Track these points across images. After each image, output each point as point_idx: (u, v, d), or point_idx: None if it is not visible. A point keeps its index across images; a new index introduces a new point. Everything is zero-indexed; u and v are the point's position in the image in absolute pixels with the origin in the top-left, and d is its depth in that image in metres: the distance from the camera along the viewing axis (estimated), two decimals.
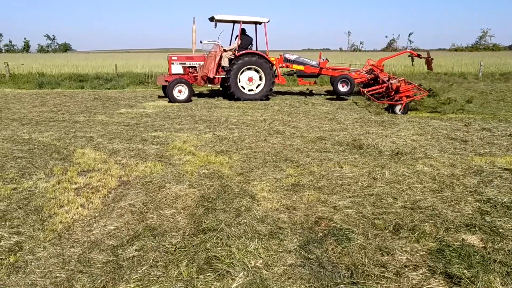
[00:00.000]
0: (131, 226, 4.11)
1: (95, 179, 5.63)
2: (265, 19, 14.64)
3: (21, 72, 23.00)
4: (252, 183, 5.45)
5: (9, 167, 6.08)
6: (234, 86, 14.21)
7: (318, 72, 15.64)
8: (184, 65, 14.57)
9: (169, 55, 14.77)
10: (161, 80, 14.66)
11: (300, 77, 15.95)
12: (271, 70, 14.52)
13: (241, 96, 14.34)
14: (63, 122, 9.96)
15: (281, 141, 7.91)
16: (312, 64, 15.50)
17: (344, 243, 3.64)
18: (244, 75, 14.43)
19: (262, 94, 14.54)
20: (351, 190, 5.13)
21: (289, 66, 15.63)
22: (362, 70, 16.06)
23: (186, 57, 14.77)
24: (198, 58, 14.76)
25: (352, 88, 14.89)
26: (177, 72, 14.49)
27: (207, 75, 14.10)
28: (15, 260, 3.43)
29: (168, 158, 6.71)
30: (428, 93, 12.31)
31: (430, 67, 15.70)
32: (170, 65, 14.53)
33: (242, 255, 3.41)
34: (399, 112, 11.32)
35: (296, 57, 15.74)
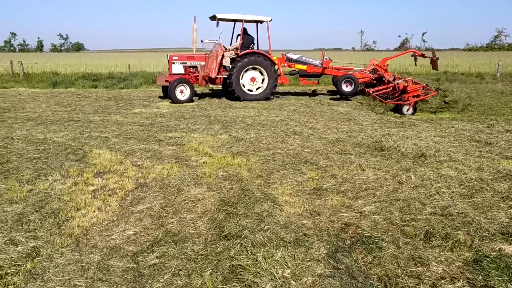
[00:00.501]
0: (150, 231, 3.97)
1: (111, 181, 5.51)
2: (268, 18, 14.40)
3: (35, 71, 23.06)
4: (273, 186, 5.29)
5: (25, 167, 5.99)
6: (236, 86, 13.91)
7: (321, 72, 15.34)
8: (185, 65, 14.27)
9: (169, 55, 14.45)
10: (161, 80, 14.34)
11: (302, 77, 15.67)
12: (274, 70, 14.27)
13: (243, 96, 14.05)
14: (77, 122, 9.88)
15: (299, 143, 7.74)
16: (315, 64, 15.20)
17: (375, 252, 3.46)
18: (246, 75, 14.16)
19: (264, 94, 14.29)
20: (376, 194, 4.95)
21: (292, 66, 15.34)
22: (365, 70, 15.78)
23: (187, 56, 14.46)
24: (199, 58, 14.49)
25: (356, 88, 14.58)
26: (178, 72, 14.20)
27: (209, 75, 13.84)
28: (33, 267, 3.31)
29: (185, 159, 6.57)
30: (437, 93, 12.03)
31: (436, 66, 15.34)
32: (171, 64, 14.22)
33: (269, 264, 3.25)
34: (407, 112, 11.07)
35: (298, 56, 15.43)
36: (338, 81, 14.64)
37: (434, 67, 15.31)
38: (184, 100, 13.50)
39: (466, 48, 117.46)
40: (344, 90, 14.56)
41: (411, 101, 11.13)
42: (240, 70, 13.90)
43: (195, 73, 14.33)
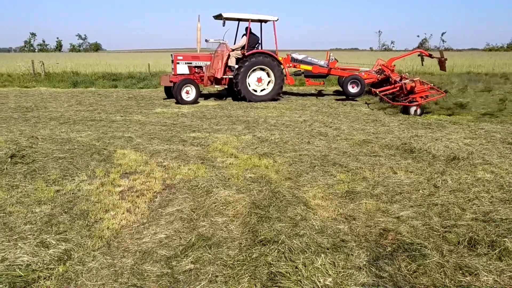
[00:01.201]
0: (182, 235, 3.85)
1: (138, 181, 5.43)
2: (274, 18, 14.15)
3: (55, 71, 23.24)
4: (303, 189, 5.15)
5: (51, 168, 5.94)
6: (243, 87, 13.64)
7: (326, 73, 15.07)
8: (190, 65, 13.94)
9: (174, 54, 14.10)
10: (165, 81, 13.93)
11: (307, 77, 15.39)
12: (280, 71, 14.02)
13: (250, 97, 13.78)
14: (100, 122, 9.85)
15: (325, 144, 7.58)
16: (320, 64, 14.93)
17: (419, 260, 3.29)
18: (253, 75, 13.89)
19: (271, 95, 14.06)
20: (412, 198, 4.77)
21: (297, 66, 15.04)
22: (372, 70, 15.51)
23: (192, 56, 14.14)
24: (205, 58, 14.19)
25: (362, 89, 14.25)
26: (183, 72, 13.87)
27: (214, 75, 13.58)
28: (65, 271, 3.21)
29: (211, 160, 6.46)
30: (445, 94, 11.75)
31: (443, 67, 15.08)
32: (176, 64, 13.85)
33: (310, 272, 3.10)
34: (414, 113, 10.82)
35: (303, 56, 15.17)
36: (344, 82, 14.33)
37: (442, 68, 15.09)
38: (190, 101, 13.20)
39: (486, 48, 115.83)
40: (350, 91, 14.24)
41: (418, 102, 10.94)
42: (247, 71, 13.63)
43: (200, 73, 14.03)
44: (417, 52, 16.55)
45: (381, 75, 14.87)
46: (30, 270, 3.17)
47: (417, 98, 11.08)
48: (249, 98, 13.73)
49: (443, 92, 11.61)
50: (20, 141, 7.35)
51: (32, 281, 3.05)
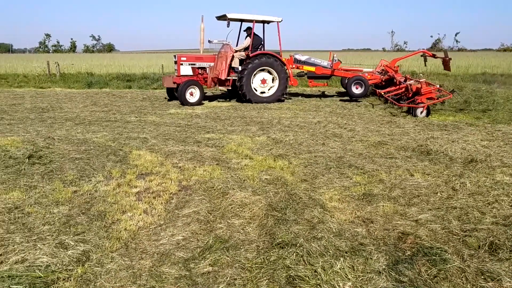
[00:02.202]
0: (200, 237, 3.85)
1: (154, 183, 5.44)
2: (278, 19, 14.01)
3: (70, 71, 23.46)
4: (319, 191, 5.12)
5: (68, 168, 5.98)
6: (248, 88, 13.45)
7: (330, 74, 14.96)
8: (194, 66, 13.74)
9: (177, 55, 13.84)
10: (168, 82, 13.72)
11: (311, 78, 15.31)
12: (284, 72, 13.90)
13: (255, 98, 13.60)
14: (115, 122, 9.91)
15: (340, 145, 7.54)
16: (323, 65, 14.81)
17: (440, 265, 3.25)
18: (257, 76, 13.72)
19: (276, 96, 13.90)
20: (430, 201, 4.72)
21: (300, 67, 14.89)
22: (375, 71, 15.38)
23: (195, 57, 13.93)
24: (208, 59, 13.96)
25: (366, 90, 14.10)
26: (186, 73, 13.63)
27: (218, 76, 13.38)
28: (84, 272, 3.23)
29: (226, 161, 6.46)
30: (452, 95, 11.63)
31: (448, 67, 14.97)
32: (179, 65, 13.58)
33: (329, 276, 3.07)
34: (421, 115, 10.72)
35: (306, 57, 15.02)
36: (348, 83, 14.21)
37: (446, 68, 15.00)
38: (194, 102, 13.06)
39: (501, 48, 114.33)
40: (354, 92, 14.08)
41: (425, 104, 10.88)
42: (252, 72, 13.47)
43: (204, 74, 13.87)
44: (420, 53, 16.41)
45: (384, 76, 14.79)
46: (50, 271, 3.19)
47: (423, 99, 11.01)
48: (253, 99, 13.57)
49: (450, 93, 11.51)
50: (37, 142, 7.41)
51: (52, 282, 3.07)
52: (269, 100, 13.76)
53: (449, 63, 14.56)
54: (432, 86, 11.32)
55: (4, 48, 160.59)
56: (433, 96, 11.22)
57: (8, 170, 5.76)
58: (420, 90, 11.10)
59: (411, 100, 11.35)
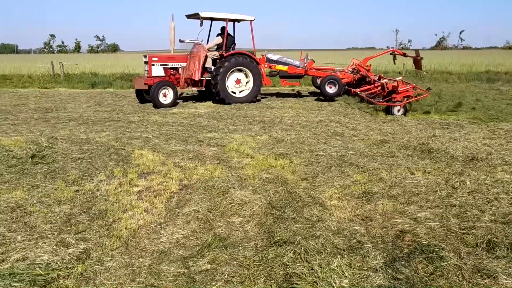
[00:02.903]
0: (199, 235, 3.89)
1: (155, 182, 5.48)
2: (251, 17, 13.79)
3: (74, 72, 23.55)
4: (319, 189, 5.15)
5: (70, 168, 6.04)
6: (222, 89, 13.08)
7: (303, 73, 14.83)
8: (166, 67, 13.19)
9: (148, 55, 13.16)
10: (139, 83, 12.96)
11: (283, 78, 15.13)
12: (259, 71, 13.63)
13: (230, 99, 13.29)
14: (118, 122, 9.97)
15: (341, 144, 7.56)
16: (296, 65, 14.66)
17: (436, 262, 3.27)
18: (231, 76, 13.40)
19: (250, 96, 13.62)
20: (429, 200, 4.73)
21: (272, 67, 14.64)
22: (347, 70, 15.36)
23: (167, 57, 13.40)
24: (180, 59, 13.45)
25: (340, 89, 13.99)
26: (158, 74, 13.03)
27: (191, 77, 12.95)
28: (84, 270, 3.27)
29: (227, 160, 6.49)
30: (429, 93, 11.67)
31: (419, 66, 15.06)
32: (150, 66, 12.93)
33: (326, 274, 3.10)
34: (398, 113, 10.80)
35: (279, 57, 14.83)
36: (322, 83, 14.10)
37: (417, 66, 15.12)
38: (167, 104, 12.60)
39: (506, 46, 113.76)
40: (328, 92, 13.96)
41: (402, 102, 10.97)
42: (227, 72, 13.11)
43: (176, 75, 13.34)
44: (390, 51, 16.48)
45: (357, 75, 14.83)
46: (50, 269, 3.23)
47: (399, 97, 11.11)
48: (228, 100, 13.23)
49: (426, 91, 11.55)
50: (40, 142, 7.47)
51: (52, 280, 3.11)
52: (244, 100, 13.48)
53: (421, 62, 14.77)
54: (408, 84, 11.43)
55: (9, 48, 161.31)
56: (410, 94, 11.31)
57: (11, 170, 5.82)
58: (396, 89, 11.21)
59: (388, 98, 11.46)
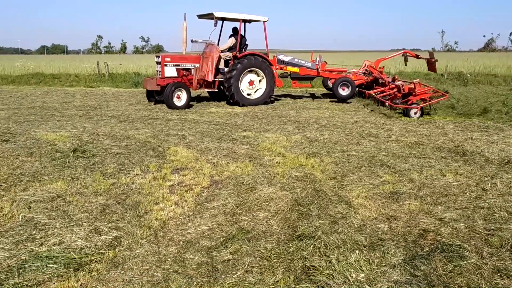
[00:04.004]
0: (224, 228, 4.04)
1: (188, 177, 5.68)
2: (265, 18, 13.57)
3: (118, 71, 24.33)
4: (347, 188, 5.19)
5: (109, 162, 6.32)
6: (236, 90, 12.83)
7: (315, 75, 14.59)
8: (178, 67, 12.92)
9: (161, 55, 12.95)
10: (152, 84, 12.72)
11: (294, 79, 14.88)
12: (272, 73, 13.41)
13: (243, 101, 13.03)
14: (157, 120, 10.29)
15: (375, 145, 7.54)
16: (307, 66, 14.44)
17: (456, 261, 3.28)
18: (245, 78, 13.15)
19: (263, 98, 13.39)
20: (457, 201, 4.69)
21: (283, 68, 14.37)
22: (359, 72, 15.10)
23: (180, 57, 13.12)
24: (193, 59, 13.18)
25: (353, 91, 13.71)
26: (171, 75, 12.77)
27: (204, 78, 12.72)
28: (114, 256, 3.48)
29: (258, 158, 6.62)
30: (447, 96, 11.35)
31: (432, 68, 14.71)
32: (163, 67, 12.65)
33: (343, 267, 3.18)
34: (415, 115, 10.65)
35: (290, 58, 14.61)
36: (334, 85, 13.83)
37: (431, 68, 14.82)
38: (181, 106, 12.35)
39: None
40: (341, 94, 13.71)
41: (420, 105, 10.85)
42: (240, 73, 12.86)
43: (188, 76, 13.12)
44: (403, 53, 16.11)
45: (369, 77, 14.59)
46: (83, 254, 3.46)
47: (415, 100, 11.00)
48: (242, 102, 13.01)
49: (445, 94, 11.26)
50: (82, 137, 7.85)
51: (85, 263, 3.33)
52: (257, 102, 13.29)
53: (435, 64, 14.46)
54: (426, 86, 11.21)
55: (60, 49, 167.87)
56: (427, 97, 11.14)
57: (54, 163, 6.16)
58: (413, 91, 11.04)
59: (405, 100, 11.31)
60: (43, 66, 27.27)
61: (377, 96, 12.26)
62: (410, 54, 15.78)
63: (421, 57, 15.30)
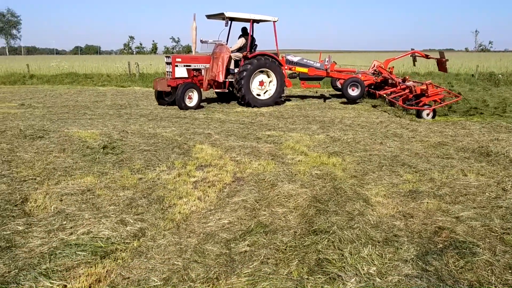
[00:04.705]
0: (243, 222, 4.19)
1: (211, 174, 5.86)
2: (275, 18, 13.46)
3: (149, 71, 24.85)
4: (366, 186, 5.27)
5: (136, 158, 6.57)
6: (247, 91, 12.71)
7: (325, 75, 14.45)
8: (189, 68, 12.76)
9: (172, 56, 12.82)
10: (163, 85, 12.59)
11: (303, 80, 14.70)
12: (282, 73, 13.30)
13: (254, 102, 12.91)
14: (184, 119, 10.55)
15: (398, 145, 7.56)
16: (316, 66, 14.26)
17: (468, 257, 3.34)
18: (256, 78, 13.05)
19: (274, 99, 13.28)
20: (476, 200, 4.72)
21: (292, 69, 14.21)
22: (368, 72, 14.88)
23: (191, 58, 13.02)
24: (204, 60, 13.07)
25: (362, 91, 13.47)
26: (181, 75, 12.63)
27: (215, 78, 12.60)
28: (138, 245, 3.68)
29: (281, 157, 6.75)
30: (461, 97, 11.16)
31: (443, 68, 14.39)
32: (174, 67, 12.51)
33: (355, 260, 3.29)
34: (427, 117, 10.57)
35: (299, 58, 14.45)
36: (344, 85, 13.56)
37: (442, 68, 14.54)
38: (192, 106, 12.28)
39: None
40: (351, 94, 13.45)
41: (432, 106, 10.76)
42: (251, 74, 12.75)
43: (199, 76, 12.93)
44: (412, 53, 15.82)
45: (379, 77, 14.44)
46: (110, 243, 3.67)
47: (427, 101, 10.91)
48: (254, 103, 12.90)
49: (458, 95, 11.07)
50: (112, 135, 8.15)
51: (110, 251, 3.54)
52: (268, 103, 13.17)
53: (446, 64, 14.21)
54: (438, 88, 11.09)
55: (93, 50, 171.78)
56: (440, 98, 11.03)
57: (85, 158, 6.45)
58: (426, 92, 10.95)
59: (417, 101, 11.21)
60: (76, 66, 28.13)
61: (388, 97, 12.23)
62: (419, 54, 15.59)
63: (431, 57, 15.12)
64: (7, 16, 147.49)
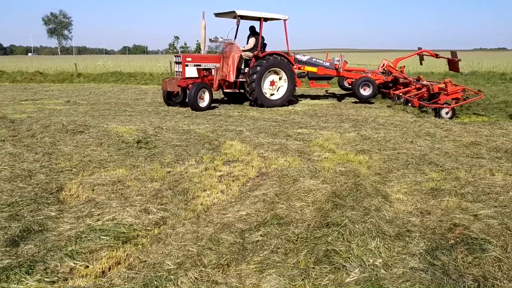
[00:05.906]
0: (260, 214, 4.34)
1: (237, 168, 6.03)
2: (285, 16, 13.23)
3: None
4: (388, 184, 5.29)
5: (167, 153, 6.84)
6: (259, 92, 12.45)
7: (335, 74, 14.18)
8: (199, 67, 12.50)
9: (182, 55, 12.46)
10: (173, 85, 12.28)
11: (312, 79, 14.47)
12: (293, 73, 13.08)
13: (266, 102, 12.65)
14: (218, 116, 10.80)
15: (429, 144, 7.49)
16: (326, 66, 14.01)
17: (477, 253, 3.35)
18: (267, 78, 12.81)
19: (285, 98, 13.01)
20: (498, 199, 4.66)
21: (301, 68, 13.96)
22: (378, 71, 14.55)
23: (201, 57, 12.76)
24: (214, 59, 12.90)
25: (375, 91, 13.18)
26: (192, 75, 12.33)
27: (226, 78, 12.39)
28: (159, 232, 3.90)
29: (308, 154, 6.84)
30: (482, 95, 10.87)
31: (455, 68, 13.87)
32: (184, 67, 12.17)
33: (361, 252, 3.38)
34: (446, 116, 10.38)
35: (308, 58, 14.19)
36: (355, 85, 13.26)
37: (453, 68, 14.08)
38: (204, 107, 11.99)
39: None
40: (363, 94, 13.20)
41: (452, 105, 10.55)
42: (263, 73, 12.51)
43: (209, 76, 12.67)
44: (421, 52, 15.27)
45: (389, 76, 14.15)
46: (132, 229, 3.91)
47: (444, 99, 10.74)
48: (266, 104, 12.64)
49: (479, 93, 10.67)
50: (147, 130, 8.48)
51: (132, 237, 3.77)
52: (279, 103, 12.89)
53: (458, 64, 13.69)
54: (457, 86, 10.80)
55: (140, 50, 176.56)
56: (459, 96, 10.80)
57: (119, 152, 6.78)
58: (446, 90, 10.75)
59: (435, 100, 11.01)
60: (122, 65, 29.09)
61: (404, 96, 12.13)
62: (428, 53, 15.20)
63: (441, 57, 14.72)
64: (59, 17, 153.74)
